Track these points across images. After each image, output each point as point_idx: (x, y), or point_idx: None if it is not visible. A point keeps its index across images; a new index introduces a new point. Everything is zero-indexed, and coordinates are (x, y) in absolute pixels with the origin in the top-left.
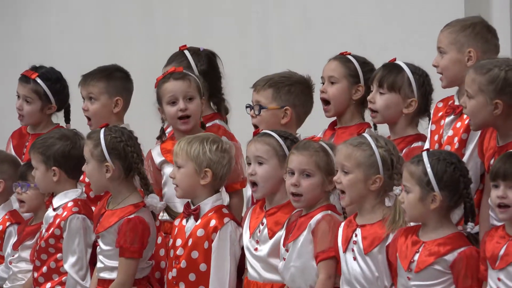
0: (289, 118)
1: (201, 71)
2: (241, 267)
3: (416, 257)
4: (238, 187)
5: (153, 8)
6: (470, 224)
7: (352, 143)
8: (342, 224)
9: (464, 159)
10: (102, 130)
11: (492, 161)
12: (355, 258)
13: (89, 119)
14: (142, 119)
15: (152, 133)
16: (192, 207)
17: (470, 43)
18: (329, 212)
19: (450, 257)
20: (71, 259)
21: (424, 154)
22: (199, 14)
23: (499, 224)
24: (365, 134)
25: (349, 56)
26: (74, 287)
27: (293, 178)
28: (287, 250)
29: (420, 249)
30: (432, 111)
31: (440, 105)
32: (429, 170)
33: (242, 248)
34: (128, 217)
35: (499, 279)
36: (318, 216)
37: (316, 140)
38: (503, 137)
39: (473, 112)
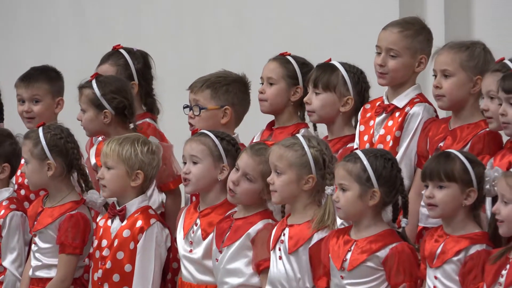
0: (229, 117)
1: (138, 70)
2: (165, 268)
3: (349, 255)
4: (171, 186)
5: (85, 7)
6: (404, 220)
7: (284, 144)
8: (277, 224)
9: (398, 156)
10: (41, 129)
11: (442, 144)
12: (280, 258)
13: (30, 120)
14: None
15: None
16: (118, 208)
17: (423, 49)
18: (270, 221)
19: (382, 254)
20: (11, 256)
21: (359, 152)
22: (133, 13)
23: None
24: (298, 135)
25: (289, 57)
26: (14, 284)
27: (235, 176)
28: (220, 252)
29: (352, 248)
30: (359, 114)
31: (368, 106)
32: (368, 166)
33: (168, 249)
34: (70, 213)
35: (435, 277)
36: (259, 225)
37: (270, 145)
38: (459, 120)
39: (453, 89)
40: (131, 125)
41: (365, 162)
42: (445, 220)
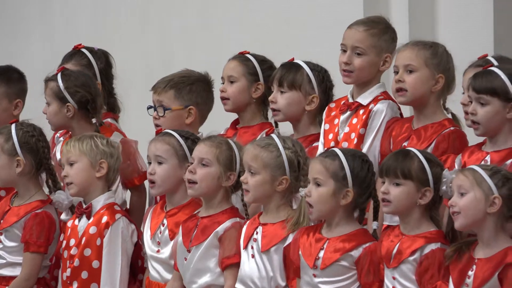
0: (194, 117)
1: (101, 70)
2: (135, 264)
3: (321, 254)
4: (136, 182)
5: (52, 6)
6: (375, 223)
7: (259, 144)
8: (247, 222)
9: None
10: (14, 125)
11: (406, 143)
12: (252, 256)
13: None
14: (41, 118)
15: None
16: (84, 206)
17: (388, 48)
18: (237, 219)
19: (355, 253)
20: None
21: (337, 150)
22: (99, 13)
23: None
24: (273, 135)
25: (248, 55)
26: None
27: (191, 166)
28: (188, 251)
29: (325, 246)
30: (324, 112)
31: (333, 105)
32: (346, 165)
33: (135, 245)
34: (36, 211)
35: (394, 278)
36: (227, 224)
37: (224, 136)
38: (422, 119)
39: (416, 84)
40: (93, 120)
41: (344, 160)
42: (401, 219)
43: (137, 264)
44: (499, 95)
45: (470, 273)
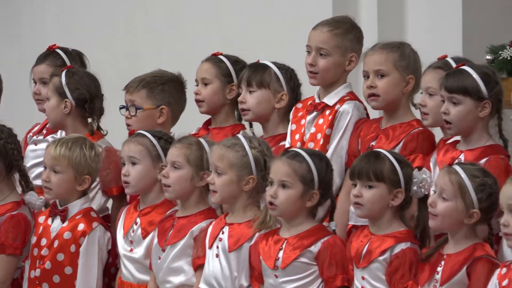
0: (166, 117)
1: None
2: (108, 271)
3: (281, 254)
4: (114, 192)
5: (20, 8)
6: (333, 223)
7: (225, 144)
8: (213, 221)
9: (328, 154)
10: None
11: (374, 143)
12: (217, 255)
13: None
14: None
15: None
16: (59, 208)
17: (354, 48)
18: (213, 220)
19: (314, 248)
20: None
21: (302, 152)
22: (67, 13)
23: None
24: (239, 135)
25: (221, 56)
26: None
27: (165, 170)
28: (163, 250)
29: (284, 246)
30: (291, 113)
31: (300, 105)
32: (313, 168)
33: (108, 252)
34: (11, 213)
35: (363, 278)
36: (203, 224)
37: (196, 136)
38: (391, 119)
39: (388, 89)
40: (89, 120)
41: (311, 163)
42: (371, 220)
43: (110, 271)
44: (471, 95)
45: (439, 268)
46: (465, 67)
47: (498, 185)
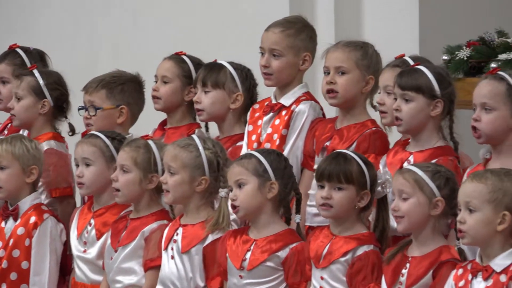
0: (125, 117)
1: None
2: (64, 264)
3: (248, 255)
4: (52, 194)
5: None
6: (298, 216)
7: (179, 144)
8: (170, 223)
9: (284, 154)
10: None
11: (328, 143)
12: (172, 257)
13: None
14: None
15: None
16: (10, 208)
17: (307, 47)
18: (165, 222)
19: (282, 253)
20: None
21: (252, 151)
22: (28, 12)
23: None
24: (194, 136)
25: (184, 57)
26: None
27: (114, 173)
28: (115, 251)
29: (252, 247)
30: (248, 114)
31: (256, 106)
32: (263, 159)
33: (65, 245)
34: None
35: (322, 278)
36: (154, 225)
37: (146, 138)
38: (347, 119)
39: (348, 86)
40: (67, 119)
41: (259, 156)
42: (335, 221)
43: (66, 264)
44: (424, 92)
45: (404, 271)
46: (420, 66)
47: (452, 171)
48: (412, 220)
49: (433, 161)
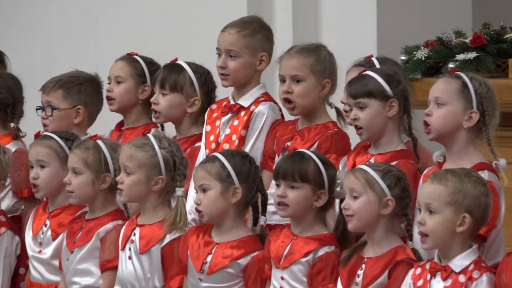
0: (82, 117)
1: None
2: (16, 273)
3: (209, 258)
4: (25, 194)
5: None
6: (263, 218)
7: (135, 144)
8: (126, 223)
9: None
10: None
11: (289, 143)
12: (130, 257)
13: None
14: None
15: None
16: None
17: (264, 47)
18: (120, 222)
19: (243, 261)
20: None
21: (215, 153)
22: None
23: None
24: (149, 135)
25: (136, 56)
26: None
27: (67, 176)
28: (71, 252)
29: (213, 251)
30: (206, 114)
31: (214, 107)
32: (226, 163)
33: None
34: None
35: (282, 278)
36: (109, 226)
37: (94, 138)
38: (307, 121)
39: (305, 94)
40: (12, 124)
41: (223, 160)
42: (294, 220)
43: (18, 273)
44: (376, 95)
45: (360, 272)
46: (366, 72)
47: (404, 172)
48: (362, 219)
49: (393, 163)
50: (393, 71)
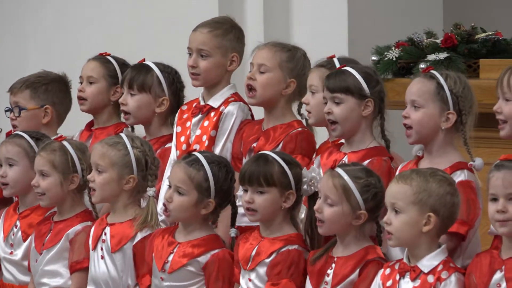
0: (50, 117)
1: None
2: None
3: (171, 258)
4: None
5: None
6: (233, 230)
7: (107, 143)
8: (95, 222)
9: None
10: None
11: (255, 144)
12: (102, 257)
13: None
14: None
15: None
16: None
17: (235, 48)
18: (89, 223)
19: (203, 259)
20: None
21: (201, 157)
22: None
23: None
24: (122, 134)
25: (109, 57)
26: None
27: (35, 178)
28: (40, 253)
29: (175, 250)
30: (177, 115)
31: (185, 108)
32: (210, 177)
33: None
34: None
35: (250, 280)
36: (78, 227)
37: (60, 139)
38: (271, 120)
39: (265, 85)
40: None
41: (209, 172)
42: (263, 224)
43: None
44: (353, 93)
45: (329, 271)
46: (347, 67)
47: (382, 182)
48: (332, 227)
49: (367, 161)
50: (373, 70)
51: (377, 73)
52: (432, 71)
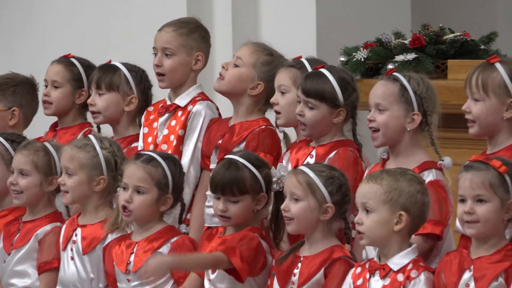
0: (17, 119)
1: None
2: None
3: (132, 258)
4: None
5: None
6: (182, 226)
7: (76, 145)
8: (65, 223)
9: (187, 157)
10: None
11: (220, 141)
12: (72, 258)
13: None
14: None
15: None
16: None
17: (200, 47)
18: (58, 224)
19: (164, 249)
20: None
21: (157, 156)
22: None
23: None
24: (90, 136)
25: (73, 60)
26: None
27: (13, 176)
28: (9, 254)
29: (135, 250)
30: (143, 116)
31: (151, 109)
32: (168, 172)
33: None
34: None
35: (209, 280)
36: (47, 228)
37: (41, 140)
38: (238, 117)
39: (234, 77)
40: None
41: (166, 168)
42: (233, 226)
43: None
44: (327, 101)
45: (296, 271)
46: (324, 71)
47: (346, 177)
48: (301, 223)
49: (333, 152)
50: (350, 76)
51: (354, 79)
52: (395, 73)
